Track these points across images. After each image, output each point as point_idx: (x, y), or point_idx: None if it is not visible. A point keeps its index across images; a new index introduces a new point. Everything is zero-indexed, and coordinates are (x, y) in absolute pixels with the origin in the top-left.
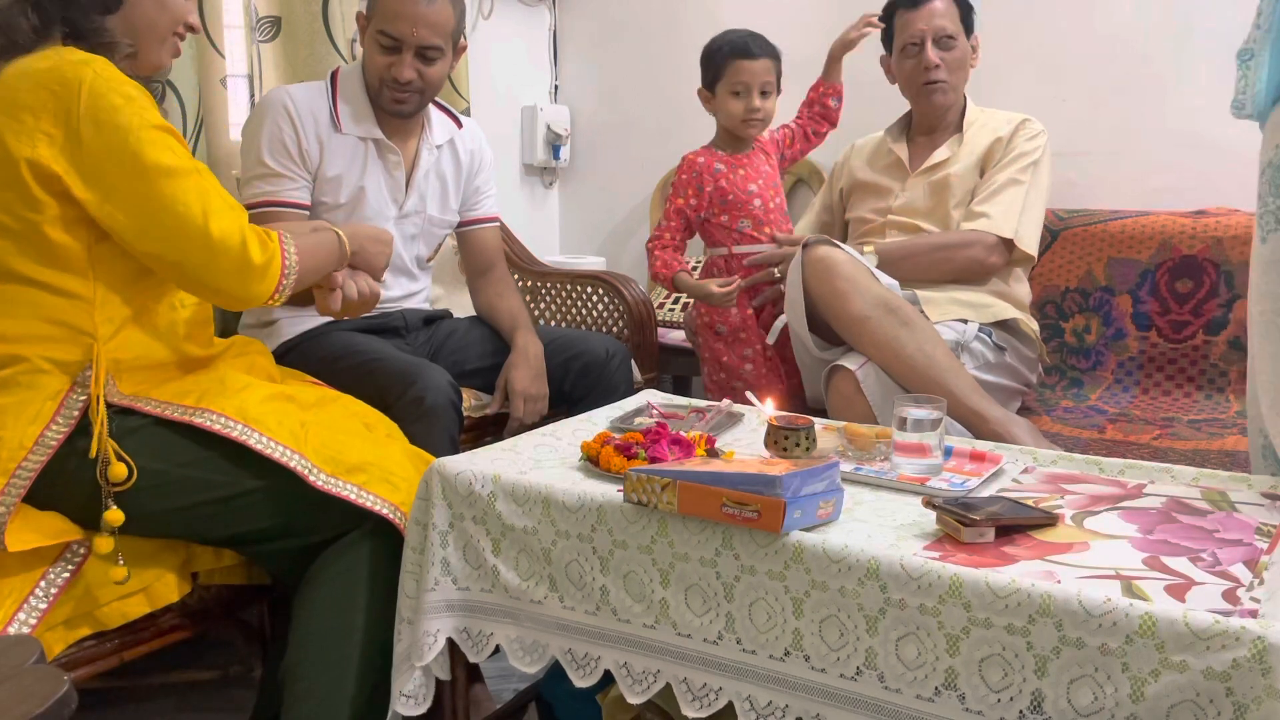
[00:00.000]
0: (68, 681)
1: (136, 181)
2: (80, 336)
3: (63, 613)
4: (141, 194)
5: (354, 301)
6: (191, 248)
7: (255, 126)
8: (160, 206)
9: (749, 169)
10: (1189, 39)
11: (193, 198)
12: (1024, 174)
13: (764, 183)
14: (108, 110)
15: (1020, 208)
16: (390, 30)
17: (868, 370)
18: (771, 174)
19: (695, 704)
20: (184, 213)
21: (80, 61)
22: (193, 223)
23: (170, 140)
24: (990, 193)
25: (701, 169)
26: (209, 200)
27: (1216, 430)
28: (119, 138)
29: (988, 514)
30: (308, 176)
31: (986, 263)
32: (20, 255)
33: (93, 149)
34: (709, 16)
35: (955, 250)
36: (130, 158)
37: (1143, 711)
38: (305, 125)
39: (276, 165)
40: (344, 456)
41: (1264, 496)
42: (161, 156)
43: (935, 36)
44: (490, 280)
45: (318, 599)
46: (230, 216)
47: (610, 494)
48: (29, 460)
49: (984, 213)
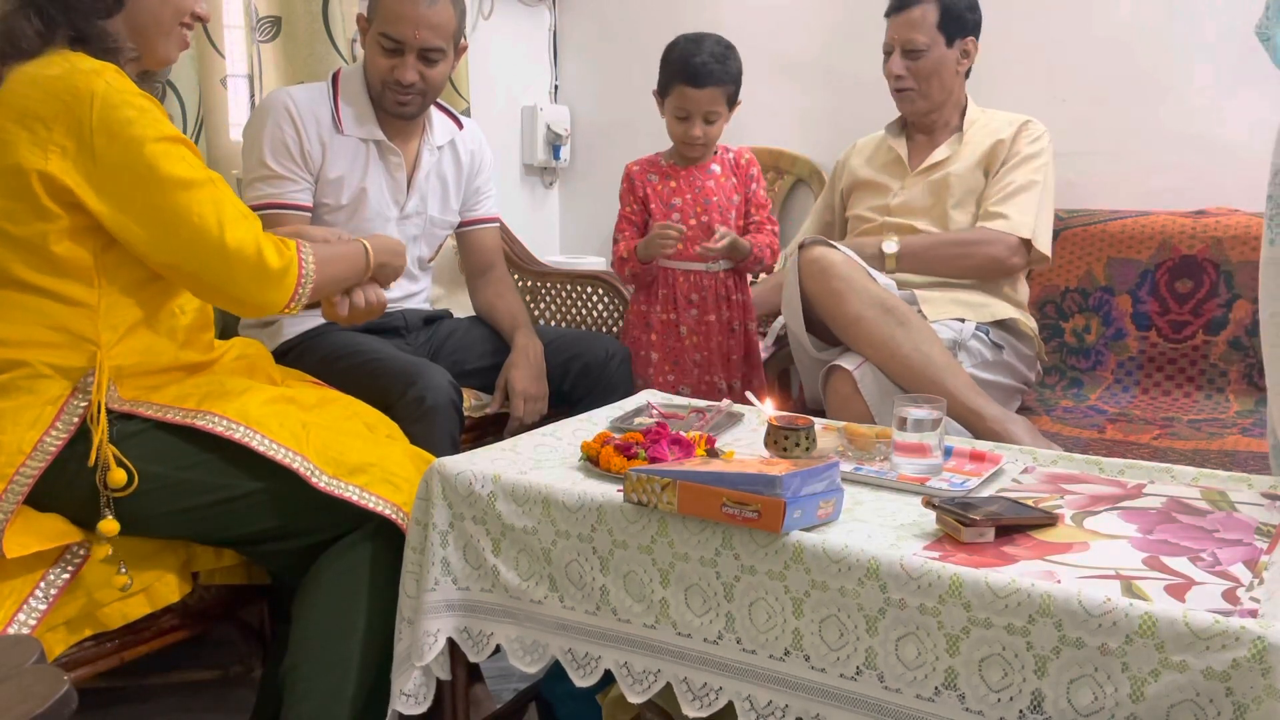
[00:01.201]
0: (68, 681)
1: (152, 194)
2: (83, 343)
3: (63, 614)
4: (157, 206)
5: (361, 310)
6: (209, 257)
7: (257, 128)
8: (176, 218)
9: (683, 182)
10: (1189, 39)
11: (208, 209)
12: (1038, 174)
13: (693, 198)
14: (121, 123)
15: (1036, 209)
16: (392, 33)
17: (865, 370)
18: (713, 190)
19: (695, 703)
20: (199, 224)
21: (91, 71)
22: (209, 233)
23: (184, 151)
24: (1007, 194)
25: (635, 177)
26: (224, 210)
27: (1216, 430)
28: (133, 150)
29: (988, 514)
30: (309, 178)
31: (1008, 262)
32: (25, 263)
33: (107, 162)
34: (709, 16)
35: (976, 247)
36: (145, 170)
37: (1143, 711)
38: (307, 127)
39: (278, 167)
40: (345, 458)
41: (1264, 496)
42: (176, 168)
43: (903, 47)
44: (490, 280)
45: (318, 599)
46: (245, 225)
47: (610, 494)
48: (27, 466)
49: (1003, 213)
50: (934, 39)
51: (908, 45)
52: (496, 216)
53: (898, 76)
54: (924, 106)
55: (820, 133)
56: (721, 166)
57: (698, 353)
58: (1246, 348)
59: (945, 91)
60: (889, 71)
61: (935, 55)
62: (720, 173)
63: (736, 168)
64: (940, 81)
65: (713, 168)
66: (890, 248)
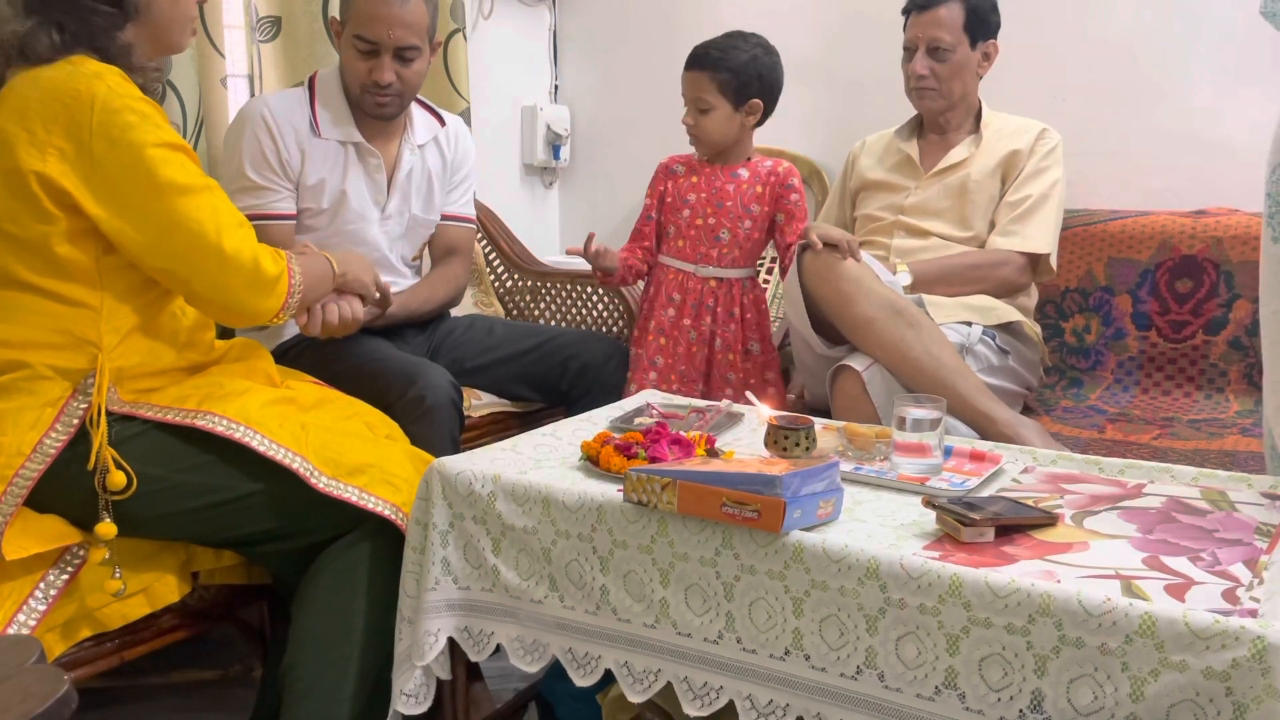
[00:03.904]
0: (68, 681)
1: (150, 198)
2: (85, 345)
3: (62, 614)
4: (155, 211)
5: (334, 325)
6: (205, 263)
7: (235, 139)
8: (173, 223)
9: (703, 180)
10: (1189, 39)
11: (205, 214)
12: (1053, 188)
13: (707, 197)
14: (121, 127)
15: (1052, 223)
16: (367, 34)
17: (873, 371)
18: (730, 195)
19: (696, 703)
20: (197, 229)
21: (93, 74)
22: (206, 239)
23: (182, 157)
24: (1024, 210)
25: (663, 168)
26: (221, 217)
27: (1216, 430)
28: (132, 155)
29: (988, 514)
30: (290, 186)
31: (1018, 281)
32: (28, 265)
33: (106, 165)
34: (709, 16)
35: (990, 269)
36: (144, 175)
37: (1142, 711)
38: (285, 135)
39: (259, 178)
40: (345, 458)
41: (1264, 496)
42: (174, 174)
43: (928, 46)
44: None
45: (318, 599)
46: (241, 233)
47: (610, 494)
48: (27, 467)
49: (1020, 231)
50: (959, 39)
51: (933, 44)
52: (469, 216)
53: (920, 76)
54: (941, 106)
55: (820, 133)
56: (751, 173)
57: (661, 355)
58: (1246, 348)
59: (963, 92)
60: (911, 71)
61: (960, 56)
62: (746, 179)
63: (769, 179)
64: (961, 83)
65: (740, 172)
66: (904, 279)
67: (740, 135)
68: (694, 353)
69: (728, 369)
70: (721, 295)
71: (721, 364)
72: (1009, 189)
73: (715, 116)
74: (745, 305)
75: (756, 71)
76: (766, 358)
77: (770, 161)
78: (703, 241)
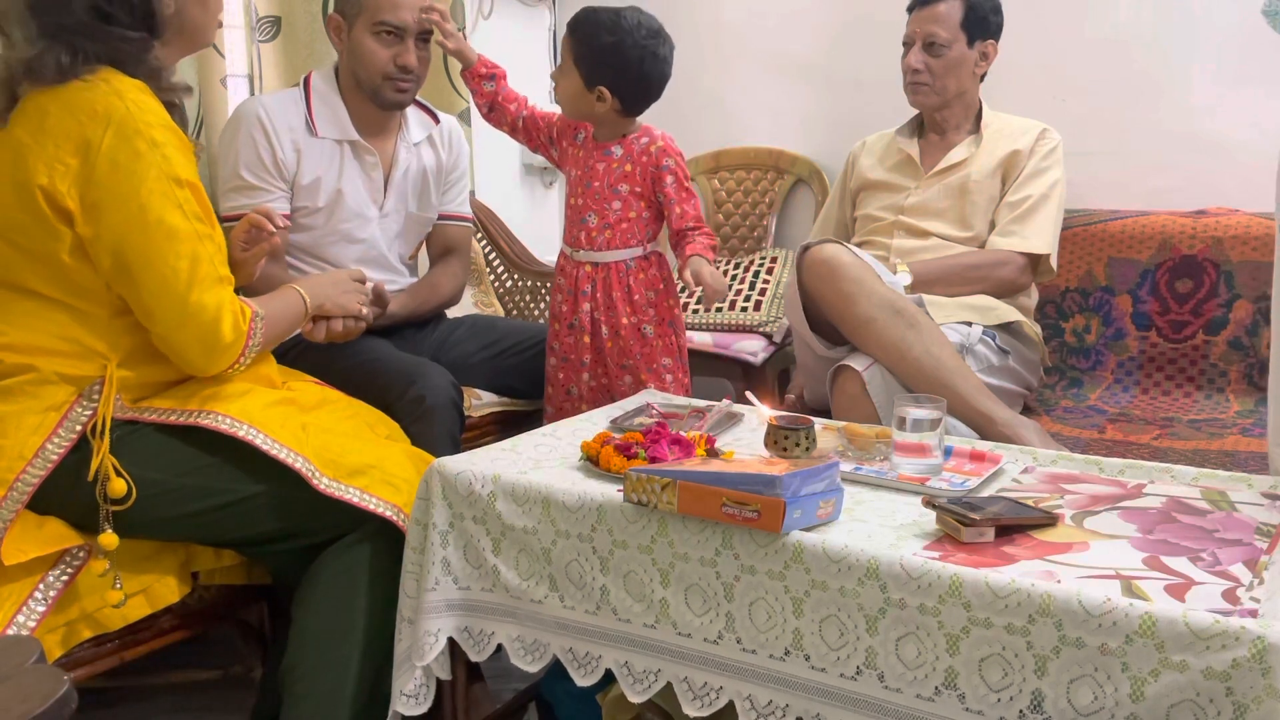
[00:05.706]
0: (68, 681)
1: (134, 232)
2: (94, 354)
3: (62, 615)
4: (134, 245)
5: (338, 333)
6: (167, 310)
7: (230, 139)
8: (147, 260)
9: (584, 154)
10: (1189, 39)
11: (184, 263)
12: (1053, 190)
13: (578, 176)
14: (129, 155)
15: (1053, 225)
16: (393, 20)
17: (874, 371)
18: (598, 174)
19: (696, 703)
20: (170, 276)
21: (114, 92)
22: (175, 287)
23: (185, 194)
24: (1024, 210)
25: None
26: (200, 268)
27: (1216, 430)
28: (131, 185)
29: (988, 514)
30: (285, 187)
31: (1019, 281)
32: (38, 275)
33: (103, 188)
34: (709, 17)
35: (990, 270)
36: (136, 210)
37: (1143, 711)
38: (280, 135)
39: (253, 179)
40: (345, 459)
41: (1264, 496)
42: (167, 214)
43: (924, 40)
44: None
45: (318, 599)
46: (214, 291)
47: (610, 494)
48: (28, 473)
49: (1019, 231)
50: (956, 36)
51: (929, 39)
52: (467, 215)
53: (914, 70)
54: (935, 102)
55: (820, 133)
56: (624, 151)
57: (558, 341)
58: (1246, 348)
59: (958, 90)
60: (907, 65)
61: (955, 53)
62: (618, 157)
63: (641, 158)
64: (956, 80)
65: (613, 149)
66: (904, 279)
67: (594, 114)
68: (580, 341)
69: (621, 355)
70: (600, 279)
71: (613, 351)
72: (1009, 189)
73: (564, 85)
74: (633, 287)
75: (593, 44)
76: (664, 341)
77: (646, 139)
78: (574, 224)
